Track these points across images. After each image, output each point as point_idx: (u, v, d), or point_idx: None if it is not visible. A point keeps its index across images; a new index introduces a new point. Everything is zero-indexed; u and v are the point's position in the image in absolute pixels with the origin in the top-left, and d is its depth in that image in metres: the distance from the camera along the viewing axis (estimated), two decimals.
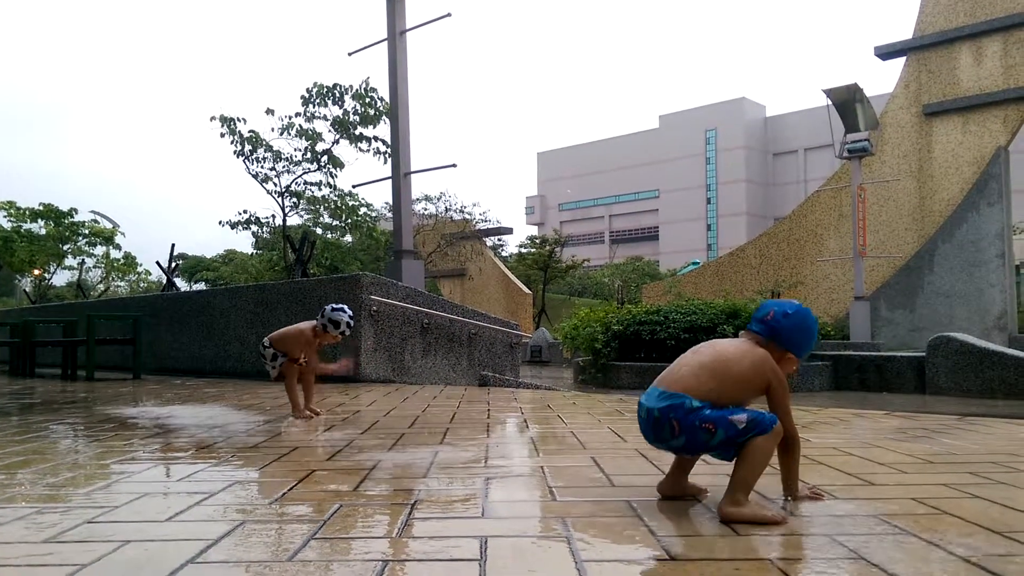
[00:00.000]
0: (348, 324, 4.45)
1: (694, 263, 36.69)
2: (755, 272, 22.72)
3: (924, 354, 11.87)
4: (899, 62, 20.89)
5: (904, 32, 24.56)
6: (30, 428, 4.25)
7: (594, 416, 4.56)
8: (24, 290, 36.06)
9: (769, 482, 2.32)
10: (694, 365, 2.18)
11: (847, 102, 17.75)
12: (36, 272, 31.31)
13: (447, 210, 29.60)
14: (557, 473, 2.72)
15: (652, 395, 2.18)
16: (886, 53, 20.92)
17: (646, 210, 78.29)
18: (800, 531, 1.94)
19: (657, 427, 2.15)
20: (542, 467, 2.85)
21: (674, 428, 2.12)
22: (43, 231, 28.86)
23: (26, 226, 28.72)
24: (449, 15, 12.18)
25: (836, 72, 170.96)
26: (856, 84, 17.57)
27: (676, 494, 2.30)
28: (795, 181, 69.92)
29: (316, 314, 4.54)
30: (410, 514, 2.13)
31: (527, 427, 4.18)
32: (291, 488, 2.49)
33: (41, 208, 28.62)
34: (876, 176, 20.27)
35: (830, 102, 18.13)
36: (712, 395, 2.12)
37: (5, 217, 28.63)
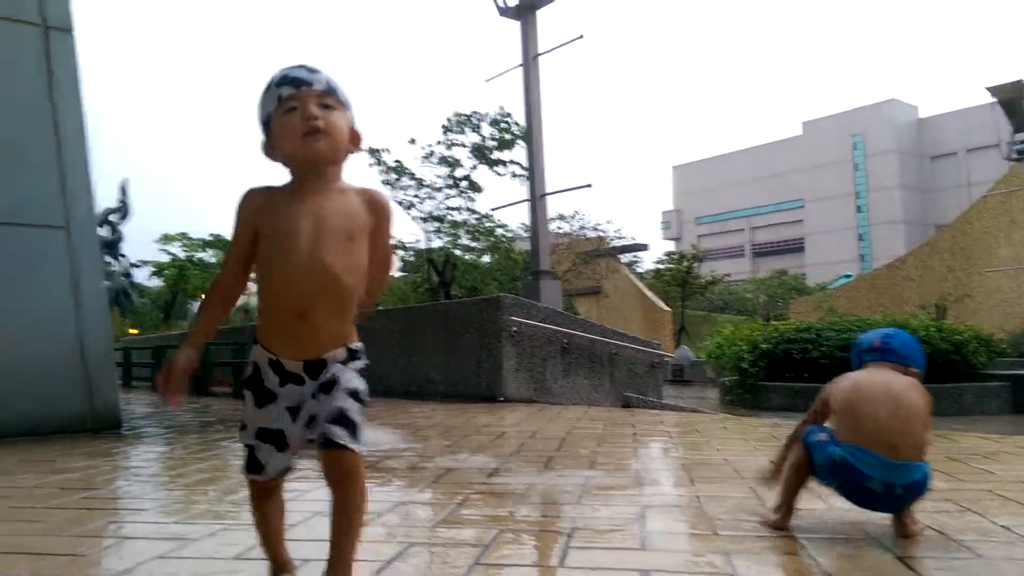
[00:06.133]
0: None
1: (846, 276, 34.71)
2: (915, 285, 21.18)
3: None
4: None
5: None
6: (209, 445, 4.62)
7: (748, 442, 4.39)
8: (196, 314, 39.46)
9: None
10: (907, 424, 2.05)
11: (1014, 100, 16.33)
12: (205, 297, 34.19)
13: (581, 228, 29.64)
14: (715, 503, 2.64)
15: (889, 467, 2.02)
16: None
17: (790, 221, 75.01)
18: (984, 574, 1.78)
19: (896, 503, 2.07)
20: (698, 496, 2.78)
21: (916, 499, 2.08)
22: (213, 259, 31.50)
23: (198, 255, 31.49)
24: (581, 37, 12.30)
25: (997, 68, 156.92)
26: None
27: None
28: (956, 185, 64.72)
29: (460, 335, 4.52)
30: (567, 543, 2.13)
31: (677, 452, 4.09)
32: (450, 512, 2.57)
33: (211, 238, 31.33)
34: None
35: (995, 100, 16.72)
36: (925, 449, 2.08)
37: (180, 247, 31.54)
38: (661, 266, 36.80)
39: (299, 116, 1.56)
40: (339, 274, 1.57)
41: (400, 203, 15.83)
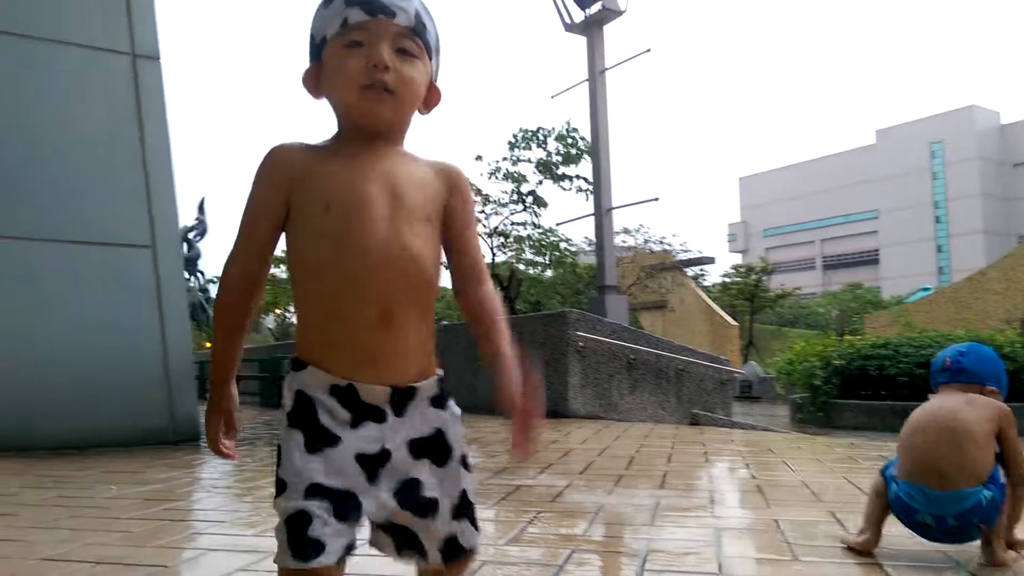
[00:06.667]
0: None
1: (924, 289, 33.43)
2: (1000, 298, 20.23)
3: None
4: None
5: None
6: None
7: (824, 463, 4.25)
8: (268, 328, 40.58)
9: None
10: (953, 449, 1.94)
11: None
12: (277, 311, 35.16)
13: (646, 242, 29.33)
14: (793, 528, 2.56)
15: (933, 499, 1.93)
16: None
17: (863, 232, 72.73)
18: None
19: (958, 533, 1.97)
20: (776, 520, 2.70)
21: (982, 529, 1.97)
22: (284, 275, 32.49)
23: (272, 270, 32.58)
24: (648, 51, 12.25)
25: None
26: None
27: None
28: None
29: (526, 350, 4.40)
30: (643, 565, 2.10)
31: (750, 473, 3.99)
32: (522, 530, 2.56)
33: (282, 254, 32.42)
34: None
35: None
36: (986, 470, 1.94)
37: None
38: (728, 279, 36.12)
39: (363, 58, 1.09)
40: (426, 263, 1.14)
41: None
